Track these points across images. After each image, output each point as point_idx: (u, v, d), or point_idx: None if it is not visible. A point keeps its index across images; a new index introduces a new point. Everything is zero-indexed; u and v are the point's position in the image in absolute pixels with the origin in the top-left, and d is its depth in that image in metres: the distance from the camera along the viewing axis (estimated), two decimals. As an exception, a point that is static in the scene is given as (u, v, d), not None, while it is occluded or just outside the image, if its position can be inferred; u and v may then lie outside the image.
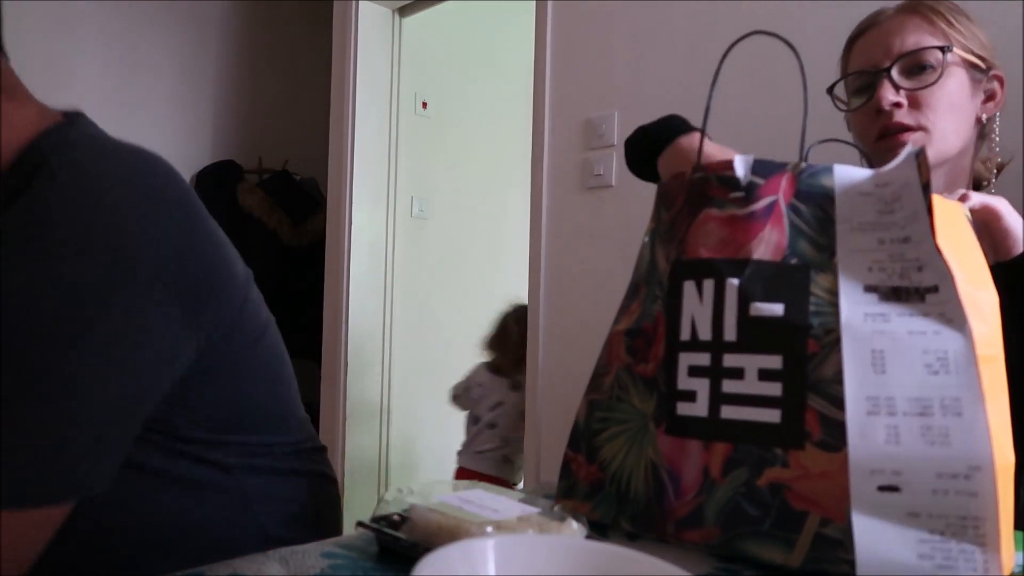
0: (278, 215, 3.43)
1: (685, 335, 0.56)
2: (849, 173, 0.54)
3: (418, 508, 0.51)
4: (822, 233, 0.54)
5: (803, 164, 0.56)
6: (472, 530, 0.48)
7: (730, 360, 0.54)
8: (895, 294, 0.50)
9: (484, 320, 3.23)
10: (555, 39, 2.08)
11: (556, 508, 0.55)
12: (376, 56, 2.81)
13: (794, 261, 0.54)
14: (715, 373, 0.54)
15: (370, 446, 2.80)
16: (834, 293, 0.51)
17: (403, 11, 2.85)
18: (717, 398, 0.54)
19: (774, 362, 0.52)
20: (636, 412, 0.60)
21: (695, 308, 0.56)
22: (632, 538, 0.59)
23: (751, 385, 0.53)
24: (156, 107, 3.44)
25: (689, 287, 0.57)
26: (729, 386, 0.53)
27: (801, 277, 0.53)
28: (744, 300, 0.54)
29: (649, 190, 2.09)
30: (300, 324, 3.39)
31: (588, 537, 0.52)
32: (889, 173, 0.53)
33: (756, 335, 0.53)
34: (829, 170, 0.55)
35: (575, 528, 0.52)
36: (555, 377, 2.04)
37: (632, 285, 0.66)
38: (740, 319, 0.54)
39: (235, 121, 3.71)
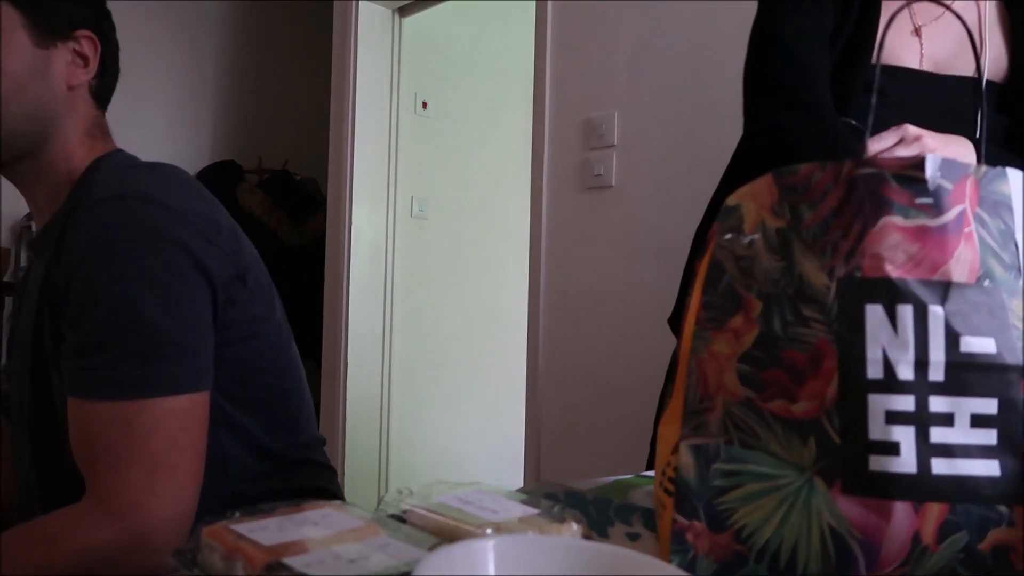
0: (278, 215, 3.43)
1: (875, 372, 0.46)
2: (1021, 178, 0.49)
3: (417, 509, 0.51)
4: (1005, 249, 0.47)
5: (983, 167, 0.49)
6: (472, 531, 0.47)
7: (937, 404, 0.45)
8: None
9: (484, 320, 3.23)
10: (555, 39, 2.08)
11: (556, 508, 0.55)
12: (376, 56, 2.81)
13: (987, 284, 0.47)
14: (922, 420, 0.45)
15: (370, 446, 2.80)
16: None
17: (403, 11, 2.85)
18: (926, 450, 0.45)
19: (989, 406, 0.45)
20: (787, 464, 0.48)
21: (887, 339, 0.46)
22: (633, 538, 0.59)
23: (963, 433, 0.45)
24: (156, 107, 3.44)
25: (875, 313, 0.47)
26: (938, 435, 0.45)
27: (999, 304, 0.46)
28: (952, 333, 0.46)
29: (649, 190, 2.07)
30: (300, 324, 3.38)
31: (588, 537, 0.52)
32: None
33: (967, 376, 0.45)
34: (1004, 175, 0.49)
35: (575, 529, 0.51)
36: (555, 377, 2.04)
37: (723, 292, 0.53)
38: (948, 356, 0.46)
39: (235, 121, 3.71)
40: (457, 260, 3.13)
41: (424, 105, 2.99)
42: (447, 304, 3.08)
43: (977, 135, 0.91)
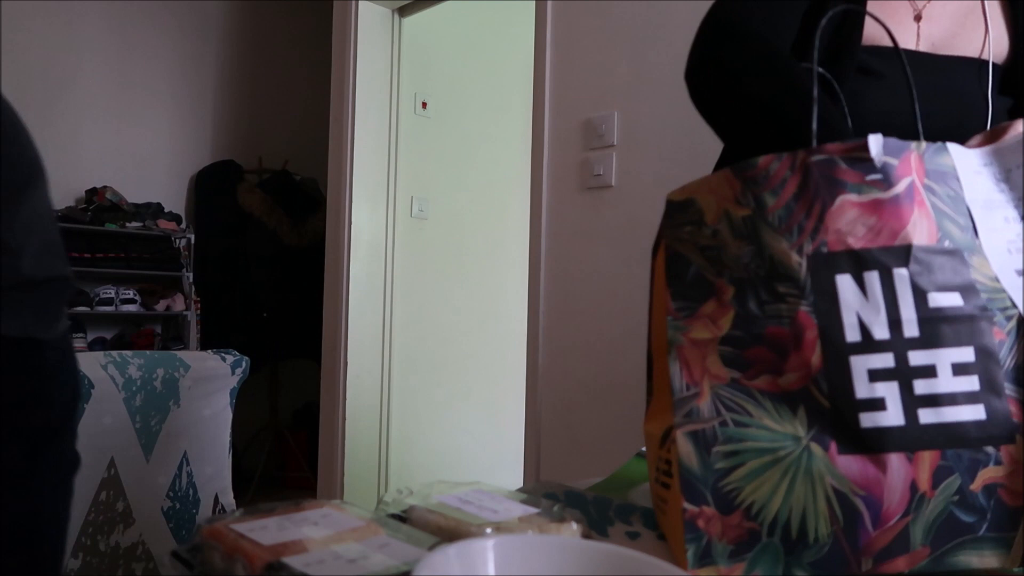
0: (278, 215, 3.43)
1: (853, 336, 0.50)
2: (960, 152, 0.54)
3: (417, 509, 0.51)
4: (959, 213, 0.52)
5: (924, 143, 0.53)
6: (472, 531, 0.47)
7: (917, 358, 0.49)
8: None
9: (484, 320, 3.23)
10: (555, 39, 2.08)
11: (556, 508, 0.55)
12: (376, 56, 2.81)
13: (947, 244, 0.51)
14: (903, 374, 0.49)
15: (370, 446, 2.80)
16: (995, 279, 0.50)
17: (403, 11, 2.85)
18: (912, 402, 0.48)
19: (966, 355, 0.49)
20: (782, 436, 0.50)
21: (859, 305, 0.50)
22: (633, 537, 0.59)
23: (946, 383, 0.48)
24: (156, 107, 3.44)
25: (845, 282, 0.51)
26: (922, 387, 0.49)
27: (960, 262, 0.50)
28: (919, 291, 0.50)
29: (649, 190, 2.07)
30: (300, 324, 3.39)
31: (588, 537, 0.52)
32: (988, 154, 0.53)
33: (941, 328, 0.49)
34: (945, 148, 0.53)
35: (575, 528, 0.51)
36: (555, 377, 2.04)
37: (691, 282, 0.55)
38: (919, 312, 0.49)
39: (235, 121, 3.71)
40: (457, 260, 3.13)
41: (424, 105, 2.99)
42: (447, 304, 3.08)
43: (985, 117, 0.91)
